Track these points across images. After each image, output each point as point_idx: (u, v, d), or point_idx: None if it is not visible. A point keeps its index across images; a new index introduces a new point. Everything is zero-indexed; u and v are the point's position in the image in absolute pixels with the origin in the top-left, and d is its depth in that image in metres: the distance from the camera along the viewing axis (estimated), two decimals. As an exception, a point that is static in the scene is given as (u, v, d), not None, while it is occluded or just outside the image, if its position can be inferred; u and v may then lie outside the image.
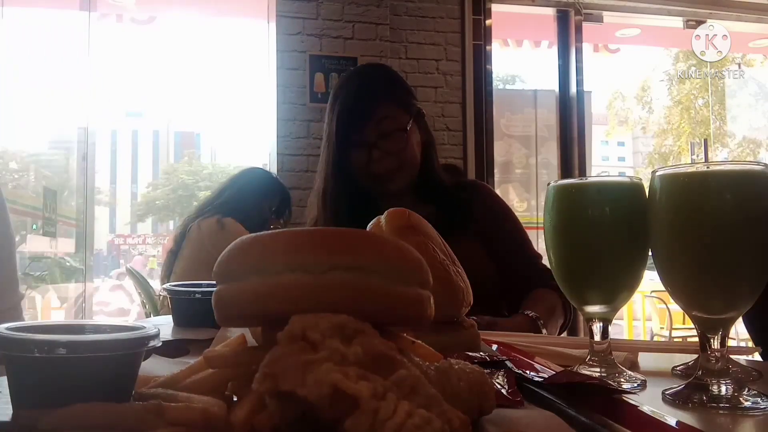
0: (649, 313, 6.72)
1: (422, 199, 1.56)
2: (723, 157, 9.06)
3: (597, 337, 0.74)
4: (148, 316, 3.47)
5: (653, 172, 0.67)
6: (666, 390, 0.64)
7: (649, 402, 0.61)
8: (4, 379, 0.46)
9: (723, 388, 0.61)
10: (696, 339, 0.67)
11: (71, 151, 4.58)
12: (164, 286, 1.03)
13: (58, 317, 5.38)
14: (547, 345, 0.89)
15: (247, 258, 0.46)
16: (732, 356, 0.72)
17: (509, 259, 1.55)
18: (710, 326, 0.64)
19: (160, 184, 22.31)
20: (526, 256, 1.58)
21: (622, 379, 0.70)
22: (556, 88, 4.83)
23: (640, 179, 0.74)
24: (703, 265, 0.63)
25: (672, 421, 0.54)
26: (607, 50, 5.81)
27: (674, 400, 0.62)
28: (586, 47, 4.83)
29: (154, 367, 0.58)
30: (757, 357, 0.89)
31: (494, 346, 0.84)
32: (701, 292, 0.64)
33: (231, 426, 0.42)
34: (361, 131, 1.53)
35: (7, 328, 0.45)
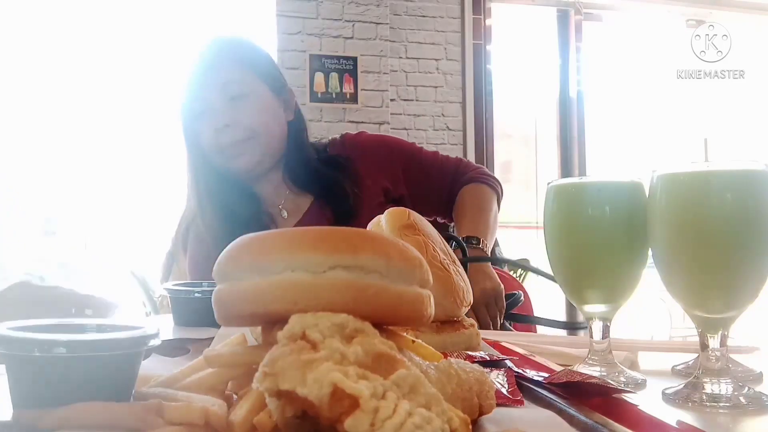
0: (649, 312, 6.72)
1: (299, 187, 1.48)
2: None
3: (597, 337, 0.74)
4: (148, 315, 3.47)
5: (653, 171, 0.67)
6: (666, 389, 0.64)
7: (649, 401, 0.61)
8: (5, 378, 0.46)
9: (723, 388, 0.61)
10: (696, 338, 0.67)
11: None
12: (164, 285, 1.03)
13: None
14: (548, 344, 0.89)
15: (247, 257, 0.46)
16: (732, 355, 0.72)
17: (429, 192, 1.52)
18: (710, 325, 0.64)
19: (161, 184, 22.30)
20: (438, 176, 1.53)
21: (622, 379, 0.70)
22: (557, 88, 4.83)
23: (641, 178, 0.74)
24: (703, 264, 0.63)
25: (672, 421, 0.54)
26: (607, 50, 5.81)
27: (674, 399, 0.62)
28: (587, 47, 4.84)
29: (155, 366, 0.58)
30: (757, 356, 0.89)
31: (494, 346, 0.84)
32: (701, 291, 0.64)
33: (231, 425, 0.42)
34: (205, 97, 1.38)
35: (8, 328, 0.45)
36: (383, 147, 1.55)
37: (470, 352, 0.74)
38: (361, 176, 1.47)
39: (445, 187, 1.52)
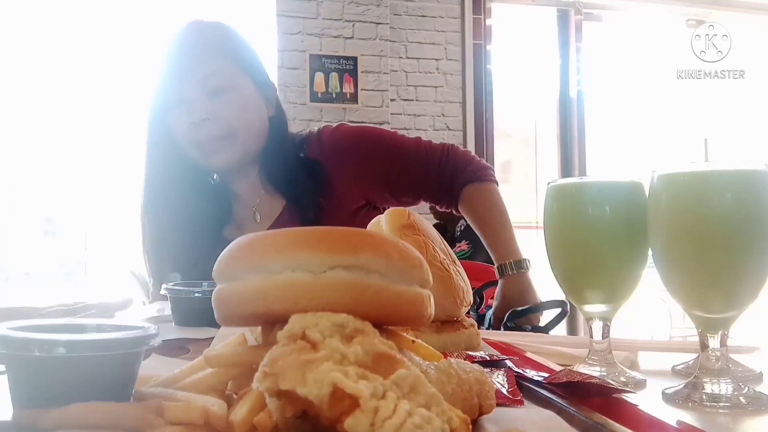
0: (649, 312, 6.72)
1: (273, 186, 1.40)
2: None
3: (597, 337, 0.74)
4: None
5: (653, 171, 0.67)
6: (666, 389, 0.64)
7: (649, 401, 0.61)
8: (5, 378, 0.46)
9: (723, 388, 0.61)
10: (696, 338, 0.67)
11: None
12: (164, 285, 1.03)
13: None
14: (548, 344, 0.89)
15: (247, 257, 0.46)
16: (732, 355, 0.72)
17: (416, 182, 1.47)
18: (710, 325, 0.64)
19: (161, 184, 22.25)
20: (425, 164, 1.46)
21: (622, 378, 0.70)
22: (557, 88, 4.84)
23: (641, 178, 0.74)
24: (703, 264, 0.63)
25: (672, 421, 0.54)
26: (607, 50, 5.81)
27: (674, 399, 0.62)
28: (587, 47, 4.84)
29: (155, 366, 0.58)
30: (757, 356, 0.89)
31: (494, 346, 0.84)
32: (701, 291, 0.64)
33: (231, 425, 0.42)
34: (183, 86, 1.28)
35: (8, 327, 0.45)
36: (363, 142, 1.46)
37: (470, 352, 0.74)
38: (333, 185, 1.40)
39: (432, 175, 1.47)
